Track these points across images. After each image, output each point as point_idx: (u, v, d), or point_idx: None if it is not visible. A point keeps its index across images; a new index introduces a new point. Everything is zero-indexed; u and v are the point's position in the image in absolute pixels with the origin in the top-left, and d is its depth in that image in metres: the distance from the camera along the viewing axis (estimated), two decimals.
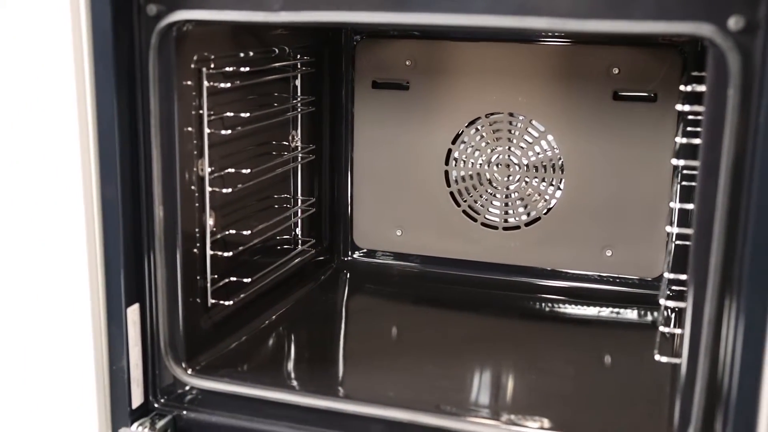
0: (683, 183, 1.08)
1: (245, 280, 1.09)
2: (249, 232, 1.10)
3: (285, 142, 1.24)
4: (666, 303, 0.92)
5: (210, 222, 1.02)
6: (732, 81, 0.71)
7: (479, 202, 1.30)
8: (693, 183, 0.78)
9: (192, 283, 0.99)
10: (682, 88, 0.91)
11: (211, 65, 0.99)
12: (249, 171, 1.07)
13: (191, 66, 0.95)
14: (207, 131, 0.99)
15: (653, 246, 1.21)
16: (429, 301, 1.27)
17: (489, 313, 1.22)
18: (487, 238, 1.30)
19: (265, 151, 1.18)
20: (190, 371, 0.95)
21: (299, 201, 1.29)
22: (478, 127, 1.28)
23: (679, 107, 0.93)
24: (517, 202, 1.28)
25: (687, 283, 0.78)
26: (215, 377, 0.95)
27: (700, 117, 0.77)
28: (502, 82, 1.25)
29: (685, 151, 0.99)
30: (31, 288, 0.94)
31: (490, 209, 1.29)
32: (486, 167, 1.28)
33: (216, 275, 1.04)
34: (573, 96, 1.22)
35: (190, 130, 0.95)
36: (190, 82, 0.95)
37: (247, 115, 1.07)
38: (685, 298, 0.79)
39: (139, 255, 0.92)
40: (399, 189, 1.32)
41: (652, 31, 0.73)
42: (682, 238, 0.97)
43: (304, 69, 1.24)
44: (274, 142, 1.21)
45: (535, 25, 0.77)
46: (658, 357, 0.90)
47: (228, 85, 1.02)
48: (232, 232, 1.08)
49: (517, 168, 1.27)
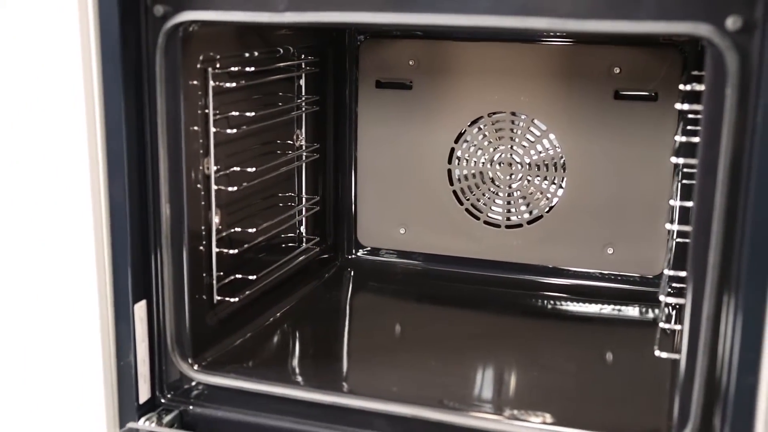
0: (683, 181, 1.09)
1: (250, 277, 1.10)
2: (254, 230, 1.11)
3: (289, 141, 1.25)
4: (666, 300, 0.93)
5: (216, 220, 1.03)
6: (730, 80, 0.72)
7: (482, 200, 1.30)
8: (693, 181, 0.79)
9: (198, 280, 0.99)
10: (682, 87, 0.92)
11: (217, 65, 1.00)
12: (254, 170, 1.08)
13: (197, 66, 0.96)
14: (213, 130, 1.00)
15: (654, 244, 1.22)
16: (432, 298, 1.28)
17: (491, 310, 1.23)
18: (489, 236, 1.31)
19: (270, 150, 1.19)
20: (196, 367, 0.96)
21: (304, 199, 1.29)
22: (481, 126, 1.28)
23: (678, 106, 0.94)
24: (520, 201, 1.29)
25: (686, 280, 0.79)
26: (221, 373, 0.96)
27: (699, 116, 0.78)
28: (504, 81, 1.26)
29: (686, 150, 1.00)
30: (41, 285, 0.95)
31: (493, 207, 1.30)
32: (488, 166, 1.29)
33: (222, 272, 1.05)
34: (575, 95, 1.23)
35: (196, 129, 0.96)
36: (196, 82, 0.96)
37: (252, 114, 1.08)
38: (684, 294, 0.80)
39: (146, 252, 0.93)
40: (402, 187, 1.33)
41: (651, 31, 0.74)
42: (683, 235, 0.98)
43: (308, 69, 1.25)
44: (279, 141, 1.22)
45: (536, 26, 0.78)
46: (658, 353, 0.91)
47: (233, 84, 1.03)
48: (238, 230, 1.09)
49: (519, 167, 1.28)
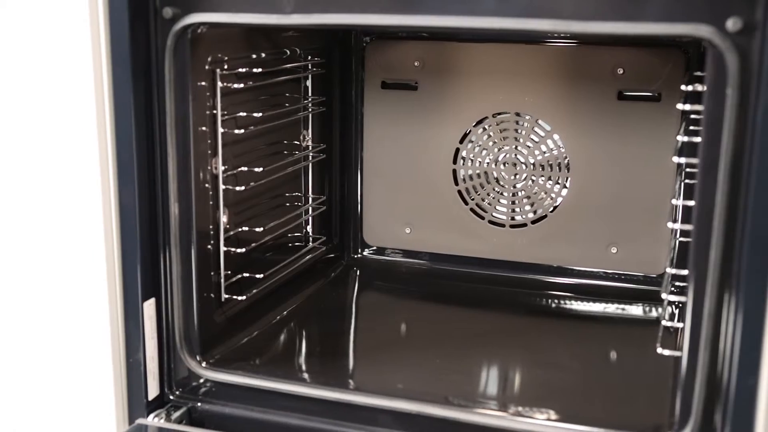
0: (686, 181, 1.09)
1: (258, 276, 1.11)
2: (261, 230, 1.11)
3: (296, 142, 1.26)
4: (668, 298, 0.94)
5: (223, 219, 1.04)
6: (730, 80, 0.73)
7: (486, 200, 1.31)
8: (695, 181, 0.79)
9: (206, 278, 1.00)
10: (684, 87, 0.93)
11: (225, 66, 1.01)
12: (261, 169, 1.09)
13: (205, 67, 0.97)
14: (221, 131, 1.01)
15: (657, 243, 1.22)
16: (437, 297, 1.29)
17: (496, 309, 1.24)
18: (494, 236, 1.31)
19: (277, 150, 1.20)
20: (204, 364, 0.97)
21: (310, 199, 1.30)
22: (486, 126, 1.29)
23: (680, 106, 0.94)
24: (524, 201, 1.30)
25: (687, 278, 0.80)
26: (229, 370, 0.97)
27: (701, 116, 0.79)
28: (508, 82, 1.27)
29: (689, 150, 1.00)
30: (51, 284, 0.96)
31: (498, 207, 1.31)
32: (493, 166, 1.30)
33: (229, 271, 1.06)
34: (578, 96, 1.23)
35: (205, 129, 0.97)
36: (205, 83, 0.97)
37: (260, 114, 1.08)
38: (686, 293, 0.81)
39: (155, 251, 0.94)
40: (408, 187, 1.34)
41: (652, 33, 0.75)
42: (685, 234, 0.98)
43: (314, 70, 1.26)
44: (286, 142, 1.23)
45: (540, 27, 0.79)
46: (660, 350, 0.92)
47: (241, 85, 1.04)
48: (245, 229, 1.10)
49: (523, 167, 1.29)
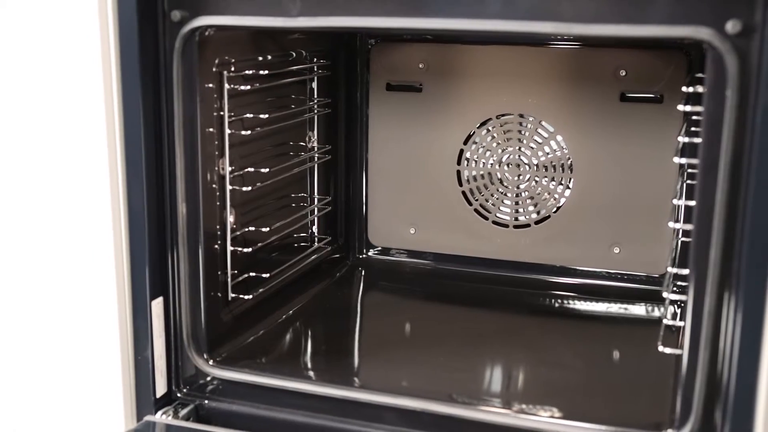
0: (688, 181, 1.10)
1: (264, 275, 1.12)
2: (267, 230, 1.12)
3: (302, 143, 1.26)
4: (669, 296, 0.95)
5: (230, 219, 1.05)
6: (730, 82, 0.73)
7: (490, 201, 1.32)
8: (696, 181, 0.80)
9: (213, 277, 1.01)
10: (684, 89, 0.94)
11: (232, 68, 1.02)
12: (267, 170, 1.10)
13: (213, 69, 0.98)
14: (228, 132, 1.02)
15: (660, 243, 1.23)
16: (441, 296, 1.30)
17: (500, 308, 1.25)
18: (498, 236, 1.32)
19: (283, 151, 1.21)
20: (211, 362, 0.98)
21: (316, 200, 1.31)
22: (489, 128, 1.30)
23: (681, 107, 0.95)
24: (527, 201, 1.30)
25: (688, 277, 0.80)
26: (235, 368, 0.98)
27: (701, 117, 0.80)
28: (512, 84, 1.28)
29: (690, 150, 1.01)
30: (62, 283, 0.97)
31: (501, 208, 1.32)
32: (497, 167, 1.31)
33: (236, 270, 1.07)
34: (581, 97, 1.24)
35: (212, 130, 0.98)
36: (212, 85, 0.98)
37: (266, 116, 1.09)
38: (687, 291, 0.82)
39: (163, 250, 0.95)
40: (412, 188, 1.35)
41: (653, 35, 0.76)
42: (687, 234, 0.99)
43: (320, 72, 1.27)
44: (292, 143, 1.24)
45: (543, 30, 0.80)
46: (661, 348, 0.93)
47: (248, 87, 1.05)
48: (252, 229, 1.11)
49: (527, 168, 1.30)
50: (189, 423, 0.96)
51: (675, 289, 1.00)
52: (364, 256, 1.40)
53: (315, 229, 1.33)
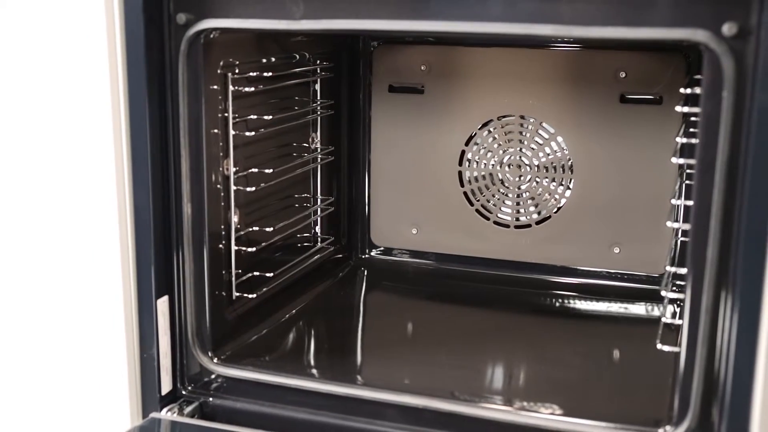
0: (687, 182, 1.11)
1: (268, 274, 1.13)
2: (271, 230, 1.13)
3: (305, 144, 1.27)
4: (668, 295, 0.96)
5: (235, 219, 1.05)
6: (726, 83, 0.74)
7: (492, 201, 1.33)
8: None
9: (218, 276, 1.02)
10: (682, 90, 0.95)
11: (236, 70, 1.03)
12: (271, 171, 1.11)
13: (218, 71, 0.99)
14: (232, 133, 1.03)
15: (659, 243, 1.24)
16: (443, 296, 1.31)
17: (501, 308, 1.26)
18: (499, 236, 1.33)
19: (287, 152, 1.22)
20: (215, 360, 0.99)
21: (319, 200, 1.32)
22: (491, 129, 1.31)
23: (679, 108, 0.96)
24: (528, 202, 1.31)
25: (686, 275, 0.81)
26: (240, 366, 0.99)
27: (698, 118, 0.81)
28: (513, 85, 1.29)
29: (689, 151, 1.02)
30: (69, 282, 0.98)
31: (502, 208, 1.33)
32: (498, 168, 1.32)
33: (240, 270, 1.07)
34: (582, 99, 1.25)
35: (217, 131, 0.99)
36: (217, 87, 0.99)
37: (270, 117, 1.10)
38: (685, 290, 0.83)
39: (169, 250, 0.96)
40: (414, 189, 1.36)
41: (650, 37, 0.77)
42: (686, 233, 1.00)
43: (323, 74, 1.28)
44: (295, 144, 1.25)
45: (542, 32, 0.81)
46: (659, 346, 0.93)
47: (252, 89, 1.06)
48: (256, 229, 1.11)
49: (528, 168, 1.30)
50: (194, 420, 0.97)
51: (674, 288, 1.01)
52: (367, 256, 1.41)
53: (318, 229, 1.34)
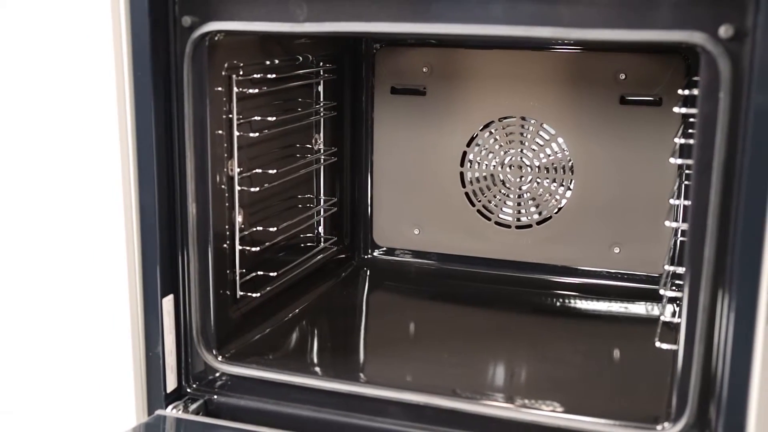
0: (686, 182, 1.12)
1: (271, 274, 1.14)
2: (275, 230, 1.14)
3: (308, 145, 1.28)
4: (666, 293, 0.96)
5: (239, 219, 1.06)
6: (723, 85, 0.75)
7: (493, 202, 1.34)
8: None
9: (222, 276, 1.03)
10: (680, 91, 0.96)
11: (241, 72, 1.04)
12: (275, 171, 1.12)
13: (222, 73, 1.00)
14: (236, 134, 1.03)
15: (659, 243, 1.24)
16: (445, 296, 1.31)
17: (502, 307, 1.26)
18: (500, 237, 1.34)
19: (290, 153, 1.23)
20: (220, 358, 1.00)
21: (322, 201, 1.33)
22: (492, 130, 1.32)
23: (677, 109, 0.97)
24: (529, 202, 1.32)
25: (684, 273, 0.82)
26: (244, 364, 1.00)
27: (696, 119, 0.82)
28: (514, 87, 1.30)
29: (688, 151, 1.02)
30: (75, 281, 0.99)
31: (504, 209, 1.34)
32: (499, 169, 1.33)
33: (244, 269, 1.08)
34: (582, 100, 1.26)
35: (221, 132, 1.00)
36: (221, 88, 0.99)
37: (274, 118, 1.11)
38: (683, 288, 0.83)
39: (174, 250, 0.97)
40: (416, 190, 1.37)
41: (648, 39, 0.78)
42: (685, 233, 1.01)
43: (326, 76, 1.29)
44: (298, 145, 1.25)
45: (542, 34, 0.82)
46: (658, 344, 0.94)
47: (256, 90, 1.07)
48: (260, 229, 1.12)
49: (529, 169, 1.31)
50: (199, 417, 0.98)
51: (673, 287, 1.02)
52: (369, 256, 1.42)
53: (321, 229, 1.35)
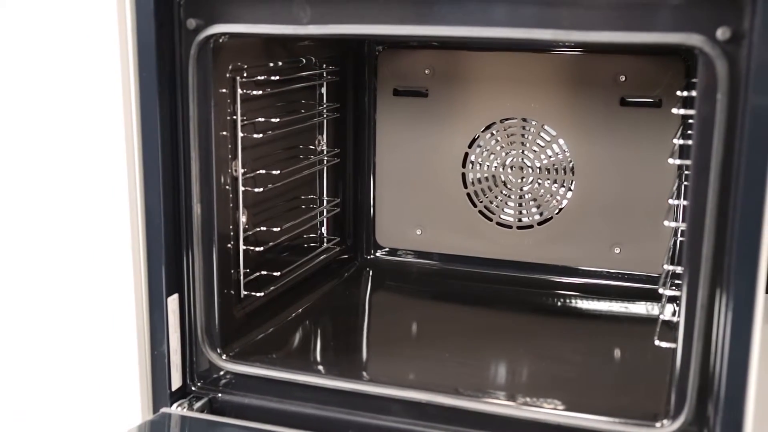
0: (685, 183, 1.13)
1: (275, 274, 1.14)
2: (278, 230, 1.15)
3: (311, 146, 1.29)
4: (665, 292, 0.97)
5: (243, 219, 1.07)
6: (720, 86, 0.76)
7: (494, 202, 1.35)
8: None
9: (226, 275, 1.04)
10: (679, 93, 0.96)
11: (245, 74, 1.04)
12: (279, 172, 1.13)
13: (226, 75, 1.00)
14: (240, 135, 1.04)
15: (659, 243, 1.25)
16: (447, 296, 1.32)
17: (504, 307, 1.27)
18: (502, 237, 1.35)
19: (294, 154, 1.24)
20: (224, 357, 1.00)
21: (325, 201, 1.34)
22: (494, 131, 1.33)
23: (675, 111, 0.98)
24: (531, 203, 1.33)
25: (682, 272, 0.83)
26: (248, 362, 1.00)
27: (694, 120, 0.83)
28: (515, 89, 1.30)
29: (687, 152, 1.03)
30: (81, 280, 1.00)
31: (505, 209, 1.34)
32: (501, 170, 1.33)
33: (248, 269, 1.09)
34: (582, 102, 1.27)
35: (225, 134, 1.01)
36: (226, 90, 1.00)
37: (277, 120, 1.12)
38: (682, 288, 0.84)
39: (179, 249, 0.98)
40: (419, 190, 1.37)
41: (646, 41, 0.79)
42: (684, 233, 1.02)
43: (329, 78, 1.30)
44: (302, 146, 1.26)
45: (542, 37, 0.82)
46: (657, 342, 0.95)
47: (260, 92, 1.08)
48: (263, 229, 1.13)
49: (530, 170, 1.32)
50: (203, 415, 0.99)
51: (672, 286, 1.03)
52: (372, 256, 1.42)
53: (324, 229, 1.35)
